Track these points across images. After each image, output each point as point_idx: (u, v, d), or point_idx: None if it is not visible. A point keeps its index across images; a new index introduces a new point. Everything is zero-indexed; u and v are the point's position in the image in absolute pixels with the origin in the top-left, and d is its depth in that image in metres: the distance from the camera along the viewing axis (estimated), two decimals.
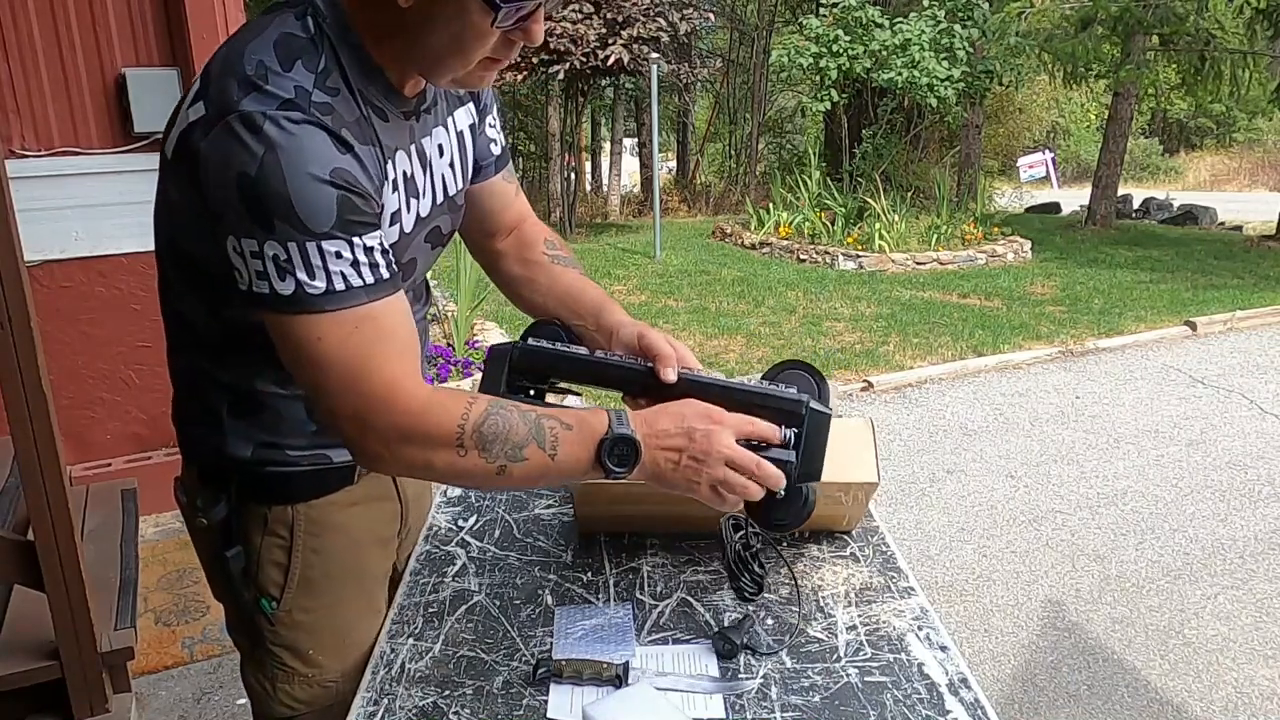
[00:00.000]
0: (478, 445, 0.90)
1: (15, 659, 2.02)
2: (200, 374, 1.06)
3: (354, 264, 0.87)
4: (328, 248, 0.85)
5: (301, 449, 1.08)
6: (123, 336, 3.25)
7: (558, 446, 0.92)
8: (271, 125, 0.83)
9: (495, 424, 0.91)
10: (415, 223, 1.04)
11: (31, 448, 1.88)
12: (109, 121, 3.14)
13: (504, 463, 0.91)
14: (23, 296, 1.82)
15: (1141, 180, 21.68)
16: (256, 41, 0.88)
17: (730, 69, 18.79)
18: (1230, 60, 10.35)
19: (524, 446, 0.91)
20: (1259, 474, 4.01)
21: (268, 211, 0.83)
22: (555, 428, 0.92)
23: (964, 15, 9.50)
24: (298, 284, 0.85)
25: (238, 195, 0.83)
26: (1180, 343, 6.29)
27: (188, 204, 0.90)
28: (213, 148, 0.84)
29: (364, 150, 0.90)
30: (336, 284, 0.86)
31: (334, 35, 0.90)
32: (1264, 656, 2.68)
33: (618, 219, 14.02)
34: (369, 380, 0.89)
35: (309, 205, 0.83)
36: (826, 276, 8.35)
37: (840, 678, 1.03)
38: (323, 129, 0.86)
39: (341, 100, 0.89)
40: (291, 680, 1.14)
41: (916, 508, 3.72)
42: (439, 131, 1.07)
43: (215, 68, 0.89)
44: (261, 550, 1.10)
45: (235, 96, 0.84)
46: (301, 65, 0.87)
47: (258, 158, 0.82)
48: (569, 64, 9.69)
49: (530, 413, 0.93)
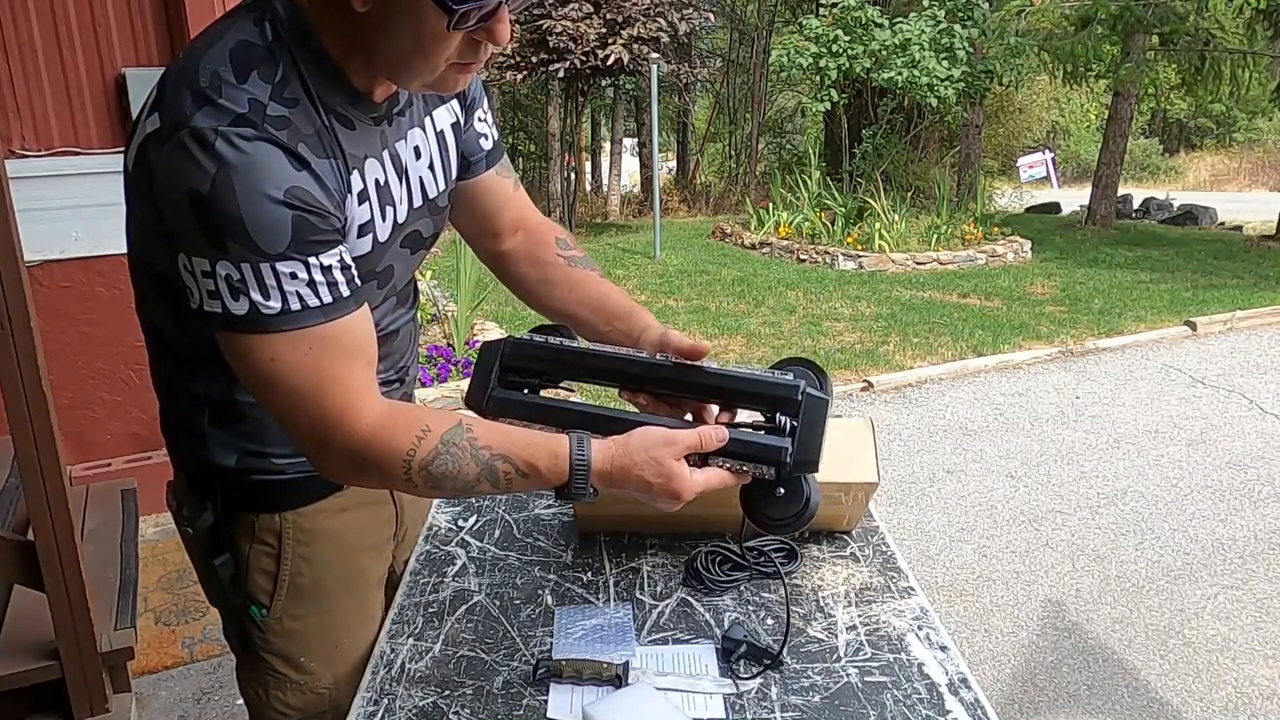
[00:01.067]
0: (427, 482, 0.91)
1: (15, 659, 2.02)
2: (177, 384, 1.05)
3: (310, 284, 0.85)
4: (282, 269, 0.83)
5: (287, 457, 1.06)
6: (123, 336, 3.25)
7: (512, 487, 0.94)
8: (223, 142, 0.80)
9: (445, 464, 0.90)
10: (392, 230, 1.01)
11: (31, 448, 1.88)
12: (109, 121, 3.14)
13: (453, 494, 0.94)
14: (23, 296, 1.82)
15: (1141, 180, 21.68)
16: (213, 50, 0.85)
17: (730, 69, 18.79)
18: (1230, 60, 10.35)
19: (475, 485, 0.92)
20: (1259, 474, 4.01)
21: (220, 232, 0.81)
22: (510, 473, 0.92)
23: (964, 15, 9.49)
24: (251, 304, 0.83)
25: (190, 213, 0.81)
26: (1180, 343, 6.29)
27: (147, 217, 0.88)
28: (165, 162, 0.82)
29: (322, 165, 0.87)
30: (292, 304, 0.85)
31: (293, 41, 0.87)
32: (1264, 656, 2.68)
33: (618, 219, 14.02)
34: (323, 402, 0.88)
35: (263, 227, 0.81)
36: (826, 276, 8.35)
37: (840, 678, 1.03)
38: (277, 145, 0.83)
39: (300, 111, 0.86)
40: (284, 687, 1.13)
41: (916, 508, 3.72)
42: (415, 133, 1.03)
43: (171, 78, 0.86)
44: (250, 558, 1.09)
45: (188, 111, 0.82)
46: (257, 76, 0.84)
47: (210, 176, 0.80)
48: (569, 63, 9.69)
49: (484, 451, 0.91)
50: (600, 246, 10.31)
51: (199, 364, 1.00)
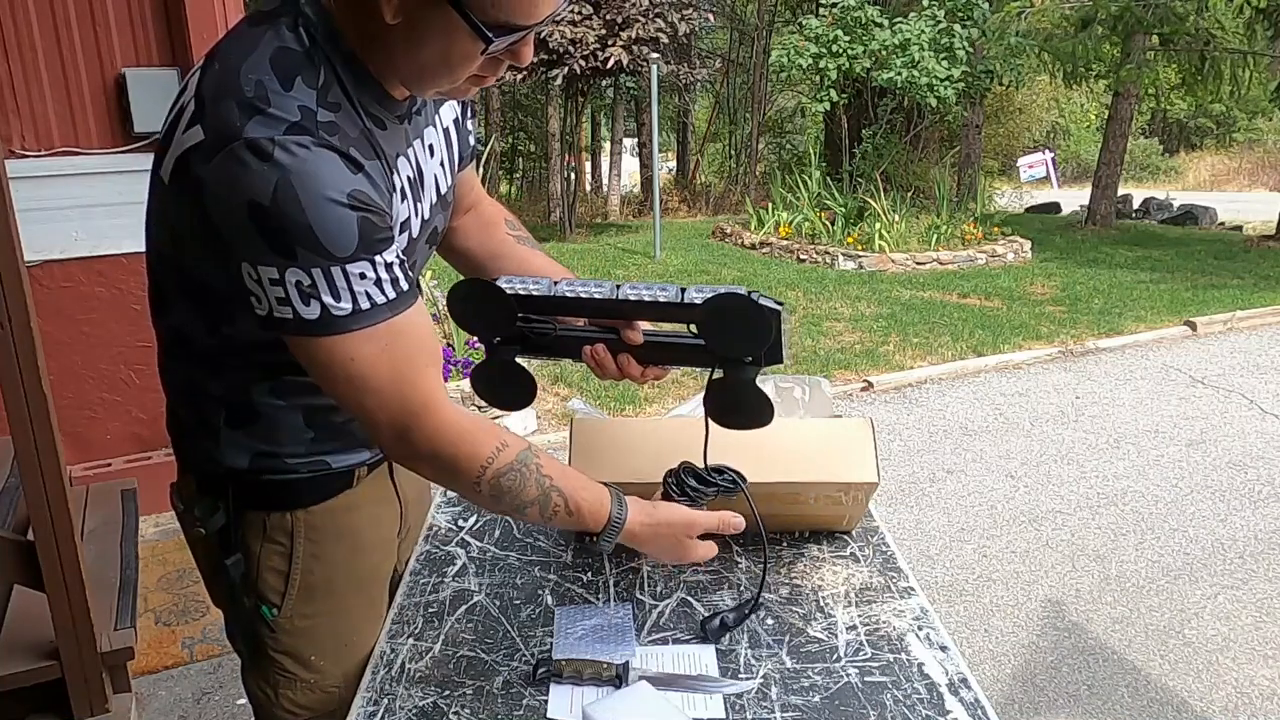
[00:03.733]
0: (491, 491, 0.96)
1: (15, 659, 2.01)
2: (195, 386, 1.05)
3: (377, 282, 0.87)
4: (352, 270, 0.84)
5: (300, 456, 1.07)
6: (123, 336, 3.25)
7: (554, 521, 1.00)
8: (282, 151, 0.80)
9: (513, 480, 0.96)
10: (420, 226, 1.04)
11: (31, 448, 1.87)
12: (109, 121, 3.14)
13: (504, 509, 0.99)
14: (23, 296, 1.82)
15: (1141, 180, 21.68)
16: (251, 59, 0.84)
17: (730, 69, 18.80)
18: (1230, 60, 10.35)
19: (528, 507, 0.98)
20: (1259, 474, 4.01)
21: (288, 240, 0.81)
22: (559, 507, 0.99)
23: (964, 15, 9.50)
24: (323, 307, 0.84)
25: (252, 224, 0.81)
26: (1180, 343, 6.29)
27: (191, 229, 0.88)
28: (218, 175, 0.82)
29: (372, 166, 0.89)
30: (362, 303, 0.86)
31: (327, 45, 0.88)
32: (1264, 656, 2.68)
33: (618, 219, 14.02)
34: (408, 395, 0.91)
35: (331, 232, 0.82)
36: (826, 276, 8.35)
37: (840, 678, 1.03)
38: (333, 150, 0.84)
39: (344, 115, 0.88)
40: (294, 686, 1.13)
41: (916, 508, 3.72)
42: (429, 132, 1.06)
43: (209, 90, 0.85)
44: (261, 557, 1.09)
45: (238, 122, 0.81)
46: (301, 82, 0.84)
47: (270, 185, 0.80)
48: (568, 67, 9.68)
49: (546, 479, 0.98)
50: (600, 246, 10.31)
51: (222, 367, 1.01)
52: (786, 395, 1.49)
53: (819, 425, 1.29)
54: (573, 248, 10.16)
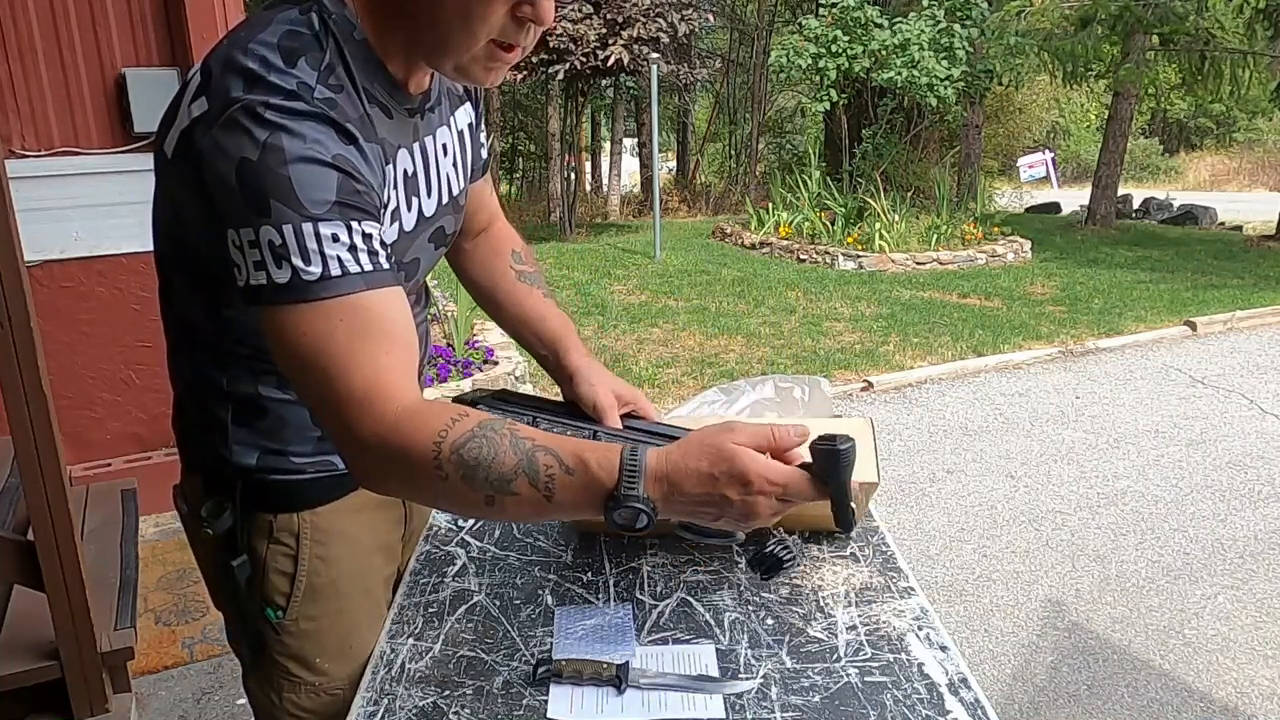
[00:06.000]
0: (459, 470, 0.80)
1: (15, 659, 2.01)
2: (202, 380, 1.05)
3: (351, 248, 0.84)
4: (324, 230, 0.82)
5: (306, 456, 1.07)
6: (123, 336, 3.25)
7: (553, 489, 0.81)
8: (275, 113, 0.82)
9: (478, 448, 0.80)
10: (417, 221, 1.03)
11: (31, 448, 1.87)
12: (109, 121, 3.14)
13: (490, 493, 0.81)
14: (23, 296, 1.82)
15: (1141, 180, 21.69)
16: (260, 37, 0.86)
17: (730, 69, 18.80)
18: (1230, 60, 10.35)
19: (512, 480, 0.81)
20: (1259, 474, 4.01)
21: (265, 193, 0.81)
22: (552, 466, 0.81)
23: (963, 15, 9.50)
24: (293, 270, 0.82)
25: (237, 182, 0.82)
26: (1180, 343, 6.29)
27: (192, 203, 0.89)
28: (216, 141, 0.83)
29: (369, 146, 0.89)
30: (332, 268, 0.82)
31: (339, 30, 0.89)
32: (1264, 656, 2.68)
33: (618, 219, 14.03)
34: (348, 379, 0.82)
35: (307, 183, 0.82)
36: (826, 276, 8.35)
37: (840, 678, 1.03)
38: (326, 120, 0.85)
39: (345, 97, 0.88)
40: (298, 690, 1.12)
41: (916, 508, 3.72)
42: (443, 131, 1.06)
43: (216, 64, 0.87)
44: (267, 559, 1.08)
45: (237, 91, 0.83)
46: (304, 63, 0.86)
47: (260, 143, 0.81)
48: (569, 64, 9.69)
49: (525, 440, 0.82)
50: (600, 246, 10.31)
51: (227, 357, 1.01)
52: (786, 395, 1.49)
53: (819, 425, 1.29)
54: (573, 248, 10.16)
